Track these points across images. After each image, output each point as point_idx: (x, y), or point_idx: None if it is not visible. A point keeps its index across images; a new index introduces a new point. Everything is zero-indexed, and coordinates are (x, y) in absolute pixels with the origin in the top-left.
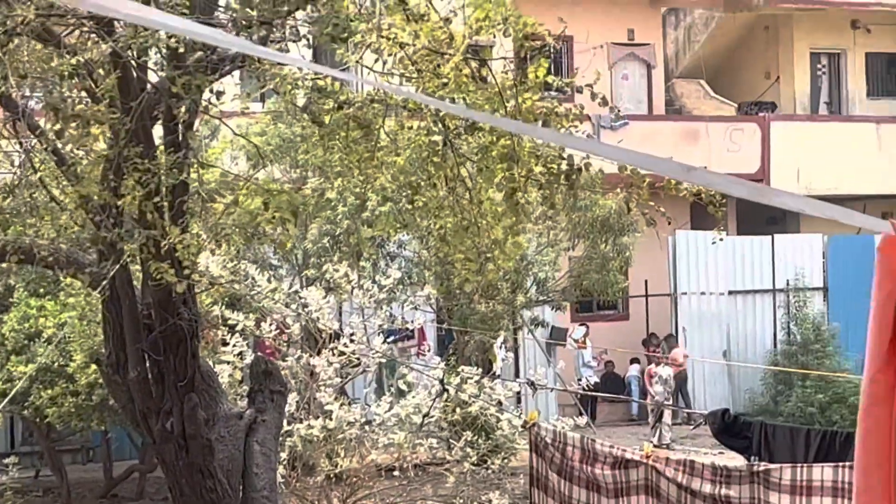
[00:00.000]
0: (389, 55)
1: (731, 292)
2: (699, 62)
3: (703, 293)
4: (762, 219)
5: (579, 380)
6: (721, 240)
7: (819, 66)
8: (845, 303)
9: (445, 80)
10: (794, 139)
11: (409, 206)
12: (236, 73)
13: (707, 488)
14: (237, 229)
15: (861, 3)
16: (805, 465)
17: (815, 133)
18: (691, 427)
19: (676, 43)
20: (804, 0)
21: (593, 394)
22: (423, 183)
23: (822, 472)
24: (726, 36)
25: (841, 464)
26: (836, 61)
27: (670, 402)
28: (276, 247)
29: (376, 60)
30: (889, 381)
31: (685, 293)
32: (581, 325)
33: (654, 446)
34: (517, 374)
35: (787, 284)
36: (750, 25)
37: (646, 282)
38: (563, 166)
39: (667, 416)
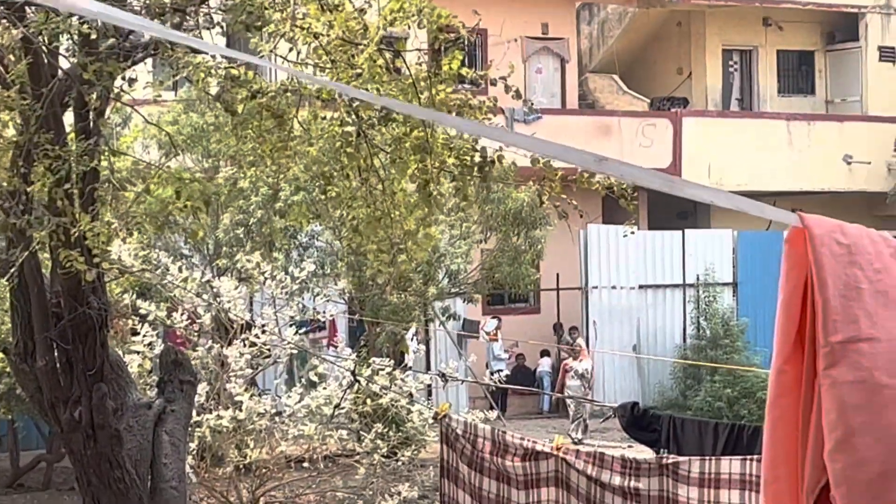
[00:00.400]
0: (303, 45)
1: (641, 286)
2: (612, 57)
3: (613, 287)
4: (673, 213)
5: (491, 373)
6: (632, 233)
7: (731, 62)
8: (754, 298)
9: (359, 71)
10: (705, 135)
11: (322, 197)
12: (149, 61)
13: (617, 480)
14: (148, 218)
15: (773, 1)
16: (713, 457)
17: (726, 129)
18: (600, 420)
19: (590, 38)
20: None
21: (504, 386)
22: (335, 173)
23: (731, 465)
24: (639, 31)
25: (749, 456)
26: (748, 58)
27: (590, 396)
28: (188, 236)
29: (290, 50)
30: (796, 372)
31: (596, 287)
32: (494, 317)
33: (575, 441)
34: (428, 367)
35: (697, 279)
36: (663, 21)
37: (557, 275)
38: (476, 158)
39: (584, 412)
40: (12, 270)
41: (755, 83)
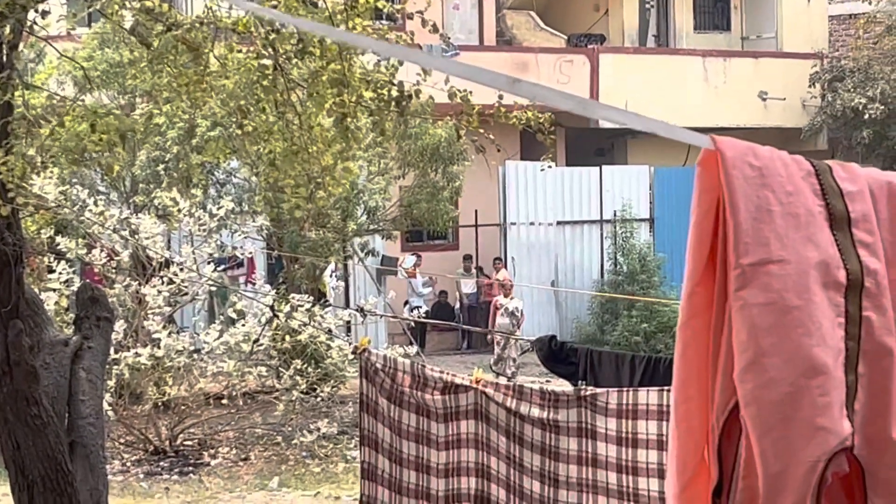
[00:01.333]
0: None
1: (559, 223)
2: None
3: (531, 223)
4: (590, 151)
5: (411, 309)
6: (550, 167)
7: None
8: (671, 234)
9: (275, 4)
10: (622, 71)
11: (239, 132)
12: None
13: (536, 412)
14: (63, 152)
15: None
16: (631, 389)
17: (643, 66)
18: (518, 354)
19: None
20: None
21: (425, 321)
22: (252, 108)
23: (648, 396)
24: None
25: (666, 388)
26: None
27: (518, 334)
28: (105, 171)
29: None
30: (707, 294)
31: (514, 223)
32: (413, 254)
33: (498, 376)
34: (347, 303)
35: (615, 215)
36: None
37: (476, 212)
38: (394, 92)
39: (512, 350)
40: None
41: (671, 20)
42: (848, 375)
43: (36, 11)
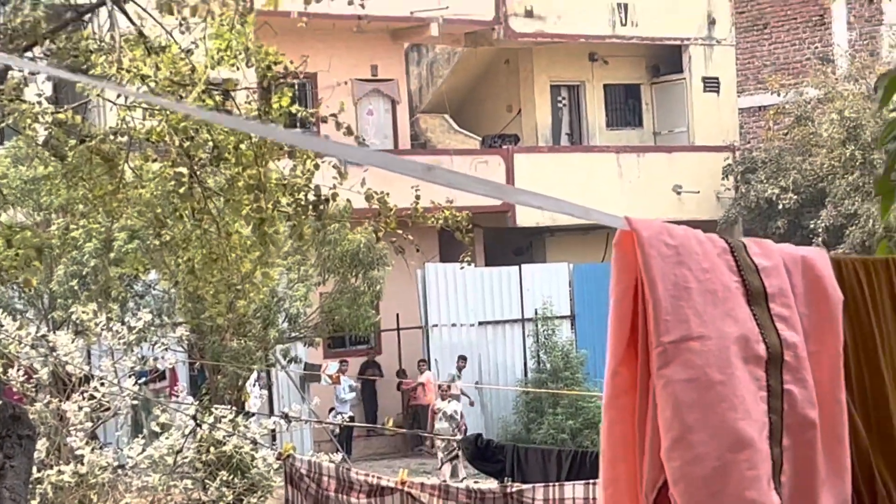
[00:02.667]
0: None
1: (481, 323)
2: (443, 97)
3: (453, 325)
4: (509, 250)
5: (335, 416)
6: (469, 263)
7: (559, 98)
8: (592, 330)
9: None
10: (537, 170)
11: (157, 242)
12: None
13: None
14: None
15: (598, 36)
16: (557, 483)
17: (557, 164)
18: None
19: (420, 78)
20: (543, 34)
21: (350, 424)
22: (169, 217)
23: (574, 490)
24: (468, 70)
25: (592, 481)
26: (576, 93)
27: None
28: (23, 285)
29: (118, 96)
30: (630, 374)
31: (436, 325)
32: (342, 360)
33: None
34: (271, 412)
35: (536, 313)
36: (491, 59)
37: (397, 315)
38: (311, 197)
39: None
40: None
41: (584, 117)
42: (773, 448)
43: None
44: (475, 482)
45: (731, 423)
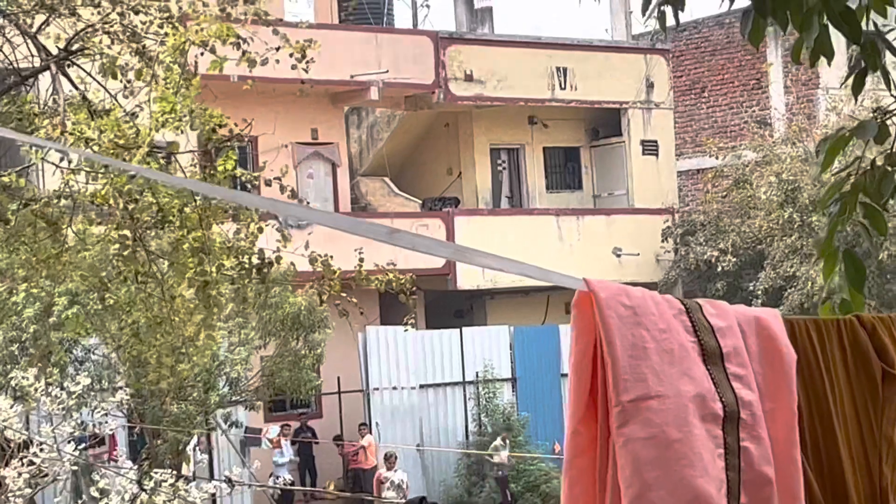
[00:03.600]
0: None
1: (422, 386)
2: (383, 160)
3: (395, 388)
4: (450, 313)
5: (276, 479)
6: (412, 324)
7: (499, 161)
8: (533, 392)
9: (133, 174)
10: (477, 233)
11: (100, 306)
12: None
13: None
14: None
15: (537, 100)
16: None
17: (497, 227)
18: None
19: (360, 141)
20: (482, 97)
21: (290, 488)
22: (112, 281)
23: None
24: (409, 133)
25: None
26: (516, 156)
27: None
28: None
29: (62, 159)
30: (590, 433)
31: (377, 388)
32: (284, 424)
33: None
34: (212, 476)
35: (477, 376)
36: (431, 122)
37: (338, 378)
38: (255, 260)
39: None
40: None
41: (524, 180)
42: None
43: None
44: None
45: (690, 480)
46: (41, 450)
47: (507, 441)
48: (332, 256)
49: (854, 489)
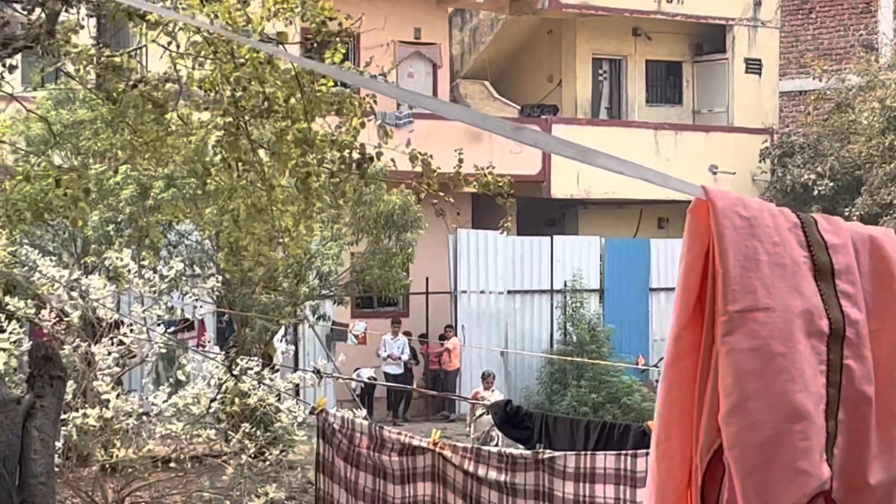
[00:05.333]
0: (185, 36)
1: (510, 292)
2: (484, 64)
3: (482, 292)
4: (541, 221)
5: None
6: (507, 227)
7: (600, 71)
8: (620, 305)
9: (242, 61)
10: (575, 142)
11: (200, 192)
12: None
13: (493, 475)
14: (28, 204)
15: (642, 12)
16: (588, 453)
17: (594, 137)
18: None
19: (462, 44)
20: (587, 6)
21: (396, 385)
22: (213, 168)
23: (605, 460)
24: (511, 39)
25: (623, 452)
26: (617, 67)
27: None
28: (70, 225)
29: (170, 42)
30: (693, 338)
31: (465, 291)
32: (396, 320)
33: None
34: (297, 367)
35: (565, 285)
36: (534, 29)
37: (427, 279)
38: (356, 154)
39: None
40: None
41: (624, 92)
42: (828, 421)
43: (3, 66)
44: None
45: (790, 395)
46: (131, 330)
47: None
48: (431, 155)
49: None
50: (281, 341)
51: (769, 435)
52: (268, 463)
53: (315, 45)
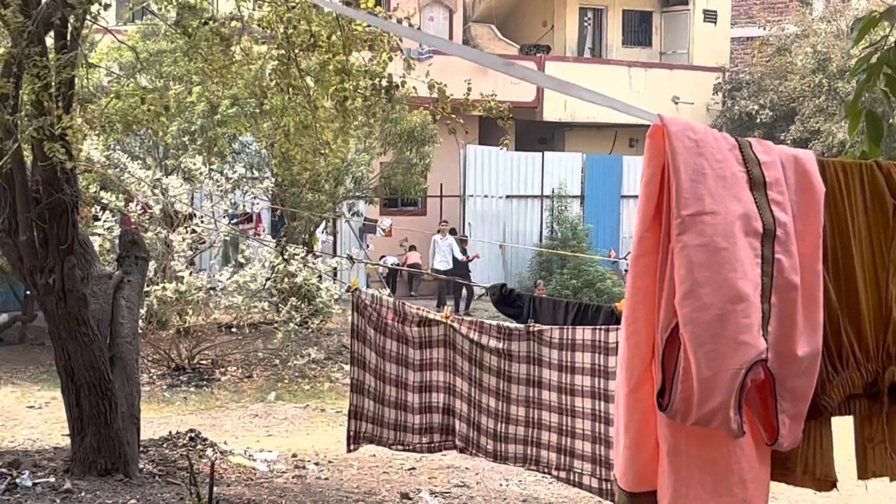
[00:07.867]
0: None
1: (508, 196)
2: (491, 9)
3: (486, 196)
4: (535, 139)
5: (440, 263)
6: (506, 144)
7: (586, 18)
8: (598, 209)
9: (293, 4)
10: (563, 76)
11: (258, 110)
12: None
13: (493, 343)
14: (119, 117)
15: None
16: (569, 326)
17: (580, 72)
18: (475, 298)
19: None
20: None
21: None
22: (269, 91)
23: (583, 333)
24: None
25: (597, 327)
26: (599, 15)
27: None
28: (153, 134)
29: None
30: (654, 238)
31: (472, 195)
32: (443, 220)
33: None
34: (335, 253)
35: (553, 192)
36: None
37: (441, 185)
38: (384, 82)
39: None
40: (2, 160)
41: (604, 36)
42: (764, 304)
43: (99, 4)
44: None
45: (732, 281)
46: (202, 221)
47: None
48: (446, 85)
49: (864, 299)
50: (322, 233)
51: (716, 314)
52: (310, 330)
53: None
